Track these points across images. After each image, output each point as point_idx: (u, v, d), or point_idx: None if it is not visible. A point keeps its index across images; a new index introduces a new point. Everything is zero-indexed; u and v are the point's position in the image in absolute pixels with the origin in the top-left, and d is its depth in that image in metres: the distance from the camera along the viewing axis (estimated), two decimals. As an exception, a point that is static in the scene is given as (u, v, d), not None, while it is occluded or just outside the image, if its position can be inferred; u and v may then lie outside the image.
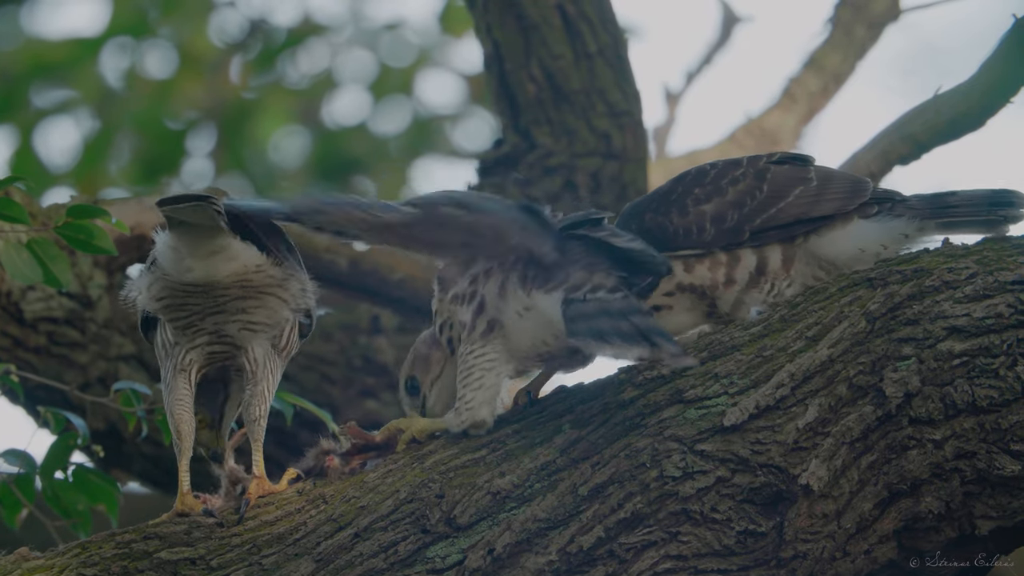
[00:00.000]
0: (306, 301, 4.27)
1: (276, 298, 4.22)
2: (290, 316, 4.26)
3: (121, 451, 6.72)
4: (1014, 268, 4.07)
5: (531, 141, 7.43)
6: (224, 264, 4.14)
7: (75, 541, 4.19)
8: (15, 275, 4.60)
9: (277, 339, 4.28)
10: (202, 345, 4.25)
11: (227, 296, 4.18)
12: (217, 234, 4.09)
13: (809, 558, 3.99)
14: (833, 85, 8.68)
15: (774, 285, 4.39)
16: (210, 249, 4.11)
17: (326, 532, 4.11)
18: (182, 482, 4.26)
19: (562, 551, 4.01)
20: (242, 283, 4.17)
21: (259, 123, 11.80)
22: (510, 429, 4.18)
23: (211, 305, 4.19)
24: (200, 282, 4.15)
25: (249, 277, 4.18)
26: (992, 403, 3.99)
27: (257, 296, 4.20)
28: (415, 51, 12.09)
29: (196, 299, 4.18)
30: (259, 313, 4.23)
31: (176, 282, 4.16)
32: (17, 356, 6.50)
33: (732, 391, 4.07)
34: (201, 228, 4.08)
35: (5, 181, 4.80)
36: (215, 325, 4.22)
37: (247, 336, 4.24)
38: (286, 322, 4.27)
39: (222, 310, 4.20)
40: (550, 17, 7.41)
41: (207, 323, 4.22)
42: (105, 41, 11.59)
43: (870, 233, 4.36)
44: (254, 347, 4.26)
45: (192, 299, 4.18)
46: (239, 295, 4.18)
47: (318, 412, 5.06)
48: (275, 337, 4.28)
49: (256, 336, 4.25)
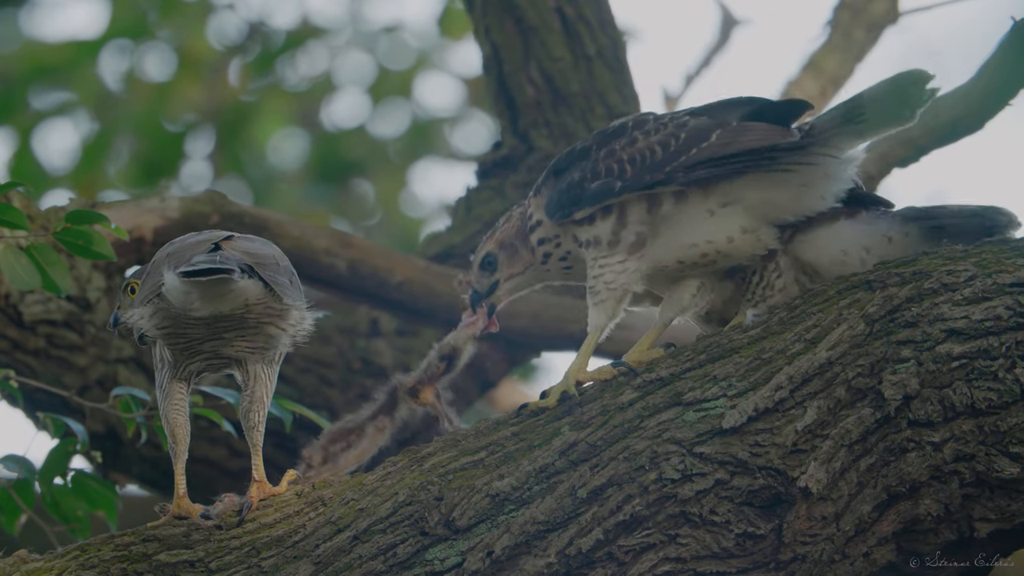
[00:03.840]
0: (305, 328, 4.29)
1: (275, 327, 4.25)
2: (288, 342, 4.29)
3: (120, 454, 6.71)
4: (1013, 271, 4.07)
5: (530, 143, 7.43)
6: (229, 301, 4.16)
7: (74, 544, 4.19)
8: (14, 280, 4.61)
9: (271, 355, 4.31)
10: (199, 361, 4.28)
11: (227, 325, 4.21)
12: (230, 283, 4.12)
13: (808, 560, 3.99)
14: (831, 88, 8.67)
15: (764, 276, 4.38)
16: (219, 293, 4.14)
17: (325, 534, 4.11)
18: (178, 485, 4.27)
19: (561, 553, 4.01)
20: (243, 314, 4.19)
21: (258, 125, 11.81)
22: (509, 432, 4.18)
23: (211, 333, 4.22)
24: (204, 316, 4.17)
25: (250, 309, 4.20)
26: (991, 405, 3.99)
27: (256, 325, 4.23)
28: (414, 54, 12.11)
29: (198, 329, 4.22)
30: (257, 340, 4.26)
31: (181, 316, 4.18)
32: (16, 359, 6.50)
33: (731, 393, 4.07)
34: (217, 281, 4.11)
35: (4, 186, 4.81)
36: (213, 348, 4.25)
37: (244, 356, 4.27)
38: (285, 346, 4.30)
39: (221, 337, 4.23)
40: (549, 20, 7.42)
41: (206, 347, 4.25)
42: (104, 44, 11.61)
43: (853, 234, 4.34)
44: (249, 363, 4.29)
45: (193, 329, 4.22)
46: (239, 324, 4.21)
47: (316, 418, 5.07)
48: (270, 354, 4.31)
49: (253, 356, 4.28)
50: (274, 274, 4.20)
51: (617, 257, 4.31)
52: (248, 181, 11.91)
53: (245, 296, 4.17)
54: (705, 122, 4.29)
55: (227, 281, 4.11)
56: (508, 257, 4.53)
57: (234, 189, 11.73)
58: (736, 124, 4.27)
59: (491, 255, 4.54)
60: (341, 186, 12.12)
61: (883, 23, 8.70)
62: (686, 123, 4.30)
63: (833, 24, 8.72)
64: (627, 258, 4.31)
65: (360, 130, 12.05)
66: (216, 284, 4.12)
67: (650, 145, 4.31)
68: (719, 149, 4.25)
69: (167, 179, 11.77)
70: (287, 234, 6.64)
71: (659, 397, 4.11)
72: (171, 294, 4.15)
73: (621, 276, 4.32)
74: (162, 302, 4.19)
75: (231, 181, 11.85)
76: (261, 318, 4.23)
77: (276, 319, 4.25)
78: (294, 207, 11.52)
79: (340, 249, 6.82)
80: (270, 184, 11.92)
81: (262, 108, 11.85)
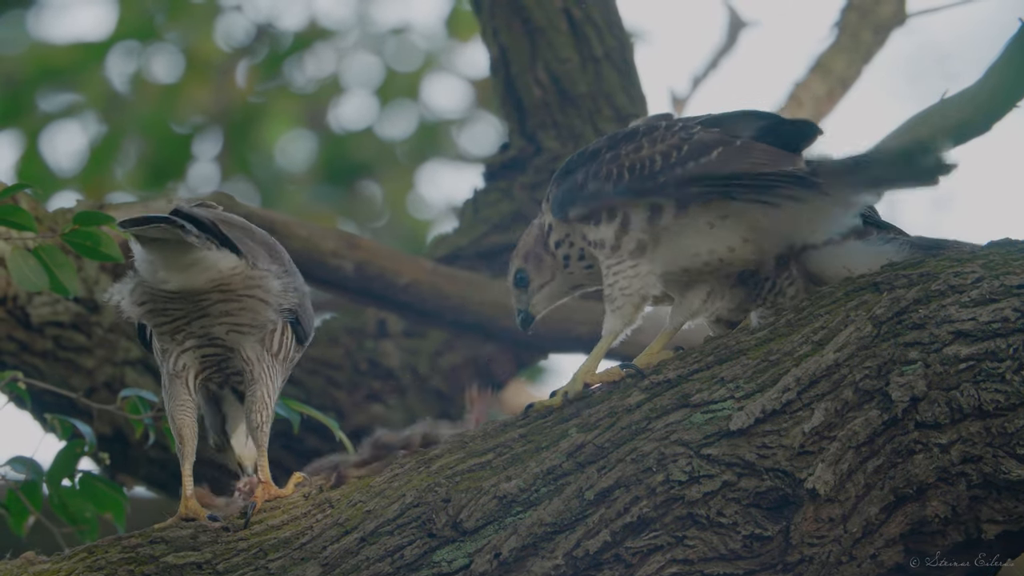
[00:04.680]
0: (288, 299, 4.26)
1: (257, 299, 4.23)
2: (275, 316, 4.27)
3: (127, 455, 6.72)
4: (1020, 272, 4.07)
5: (537, 145, 7.44)
6: (200, 274, 4.15)
7: (82, 546, 4.20)
8: (22, 282, 4.61)
9: (268, 342, 4.29)
10: (192, 348, 4.26)
11: (208, 301, 4.20)
12: (189, 248, 4.09)
13: (815, 562, 3.99)
14: (839, 90, 8.67)
15: (776, 284, 4.37)
16: (184, 263, 4.12)
17: (332, 536, 4.11)
18: (185, 487, 4.27)
19: (568, 555, 4.01)
20: (220, 288, 4.18)
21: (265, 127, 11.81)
22: (516, 433, 4.18)
23: (194, 310, 4.21)
24: (178, 290, 4.16)
25: (226, 281, 4.18)
26: (998, 407, 3.98)
27: (238, 299, 4.21)
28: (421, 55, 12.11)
29: (177, 304, 4.19)
30: (243, 315, 4.23)
31: (155, 290, 4.17)
32: (23, 360, 6.50)
33: (738, 395, 4.07)
34: (172, 243, 4.08)
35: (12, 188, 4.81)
36: (202, 328, 4.23)
37: (236, 338, 4.26)
38: (272, 323, 4.27)
39: (205, 314, 4.22)
40: (556, 21, 7.43)
41: (193, 327, 4.23)
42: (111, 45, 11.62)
43: (860, 255, 4.31)
44: (245, 348, 4.27)
45: (173, 304, 4.19)
46: (220, 299, 4.20)
47: (324, 419, 5.07)
48: (265, 340, 4.28)
49: (245, 338, 4.26)
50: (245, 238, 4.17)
51: (629, 262, 4.30)
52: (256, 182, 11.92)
53: (217, 267, 4.15)
54: (711, 136, 4.25)
55: (187, 248, 4.07)
56: (536, 267, 4.52)
57: (242, 191, 11.75)
58: (741, 143, 4.23)
59: (521, 271, 4.54)
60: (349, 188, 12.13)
61: (891, 25, 8.69)
62: (693, 135, 4.27)
63: (841, 26, 8.72)
64: (638, 262, 4.30)
65: (368, 132, 12.05)
66: (176, 251, 4.08)
67: (652, 154, 4.29)
68: (717, 167, 4.22)
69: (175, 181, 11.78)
70: (294, 235, 6.64)
71: (666, 399, 4.11)
72: (139, 264, 4.14)
73: (636, 281, 4.30)
74: (138, 276, 4.18)
75: (239, 183, 11.86)
76: (240, 290, 4.20)
77: (256, 290, 4.22)
78: (302, 208, 11.54)
79: (348, 250, 6.82)
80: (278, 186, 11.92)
81: (270, 110, 11.85)
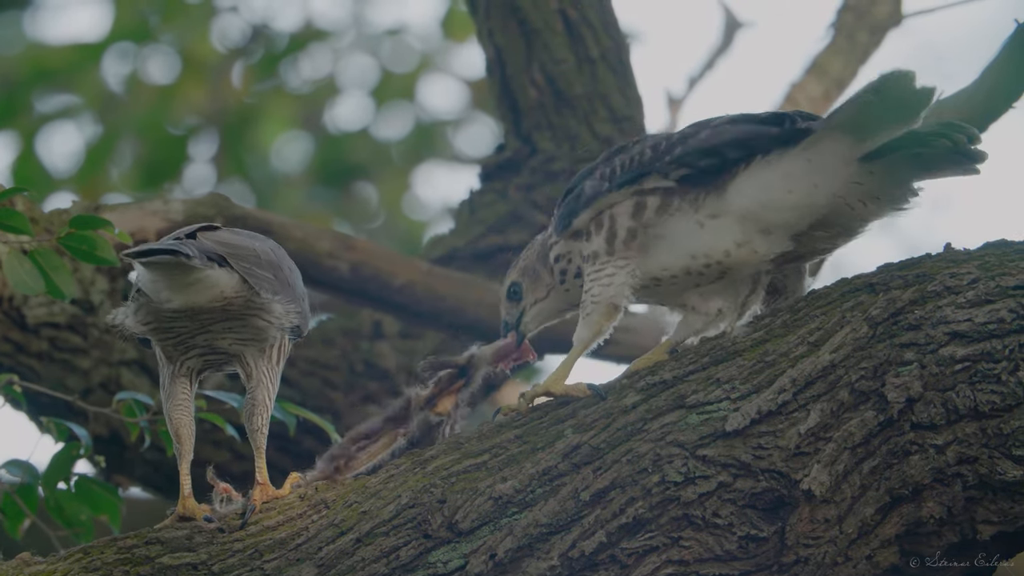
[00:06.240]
0: (291, 320, 4.27)
1: (260, 320, 4.22)
2: (277, 335, 4.27)
3: (123, 457, 6.72)
4: (1016, 273, 4.07)
5: (533, 146, 7.44)
6: (203, 293, 4.14)
7: (77, 547, 4.20)
8: (17, 285, 4.61)
9: (269, 351, 4.29)
10: (196, 356, 4.27)
11: (211, 319, 4.19)
12: (191, 268, 4.09)
13: (811, 563, 3.99)
14: (835, 90, 8.68)
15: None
16: (186, 282, 4.11)
17: (328, 537, 4.11)
18: (183, 486, 4.27)
19: (564, 556, 4.01)
20: (223, 307, 4.18)
21: (261, 128, 11.81)
22: (512, 434, 4.19)
23: (197, 327, 4.21)
24: (181, 309, 4.16)
25: (230, 302, 4.17)
26: (994, 408, 3.98)
27: (241, 317, 4.21)
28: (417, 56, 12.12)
29: (181, 323, 4.19)
30: (246, 332, 4.24)
31: (159, 309, 4.16)
32: (19, 361, 6.50)
33: (734, 396, 4.07)
34: (174, 264, 4.07)
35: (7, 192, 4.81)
36: (205, 341, 4.24)
37: (238, 348, 4.26)
38: (274, 339, 4.28)
39: (209, 330, 4.22)
40: (552, 22, 7.43)
41: (197, 340, 4.23)
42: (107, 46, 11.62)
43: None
44: (246, 355, 4.27)
45: (178, 323, 4.20)
46: (223, 317, 4.19)
47: (320, 422, 5.07)
48: (266, 348, 4.29)
49: (247, 348, 4.27)
50: (252, 267, 4.18)
51: (607, 270, 4.30)
52: (251, 184, 11.92)
53: (219, 287, 4.15)
54: (695, 126, 4.30)
55: (190, 269, 4.08)
56: (531, 282, 4.52)
57: (237, 192, 11.75)
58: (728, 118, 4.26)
59: (515, 284, 4.54)
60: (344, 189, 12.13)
61: (887, 25, 8.71)
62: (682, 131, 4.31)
63: (837, 26, 8.73)
64: (616, 272, 4.30)
65: (363, 133, 12.05)
66: (179, 272, 4.08)
67: (642, 149, 4.31)
68: (706, 142, 4.23)
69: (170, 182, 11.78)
70: (290, 236, 6.65)
71: (662, 400, 4.11)
72: (143, 284, 4.14)
73: (607, 289, 4.29)
74: (142, 297, 4.18)
75: (234, 184, 11.86)
76: (243, 311, 4.21)
77: (260, 311, 4.23)
78: (297, 210, 11.54)
79: (343, 252, 6.83)
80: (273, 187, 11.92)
81: (265, 111, 11.85)
